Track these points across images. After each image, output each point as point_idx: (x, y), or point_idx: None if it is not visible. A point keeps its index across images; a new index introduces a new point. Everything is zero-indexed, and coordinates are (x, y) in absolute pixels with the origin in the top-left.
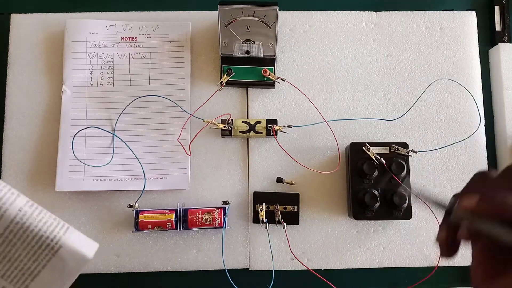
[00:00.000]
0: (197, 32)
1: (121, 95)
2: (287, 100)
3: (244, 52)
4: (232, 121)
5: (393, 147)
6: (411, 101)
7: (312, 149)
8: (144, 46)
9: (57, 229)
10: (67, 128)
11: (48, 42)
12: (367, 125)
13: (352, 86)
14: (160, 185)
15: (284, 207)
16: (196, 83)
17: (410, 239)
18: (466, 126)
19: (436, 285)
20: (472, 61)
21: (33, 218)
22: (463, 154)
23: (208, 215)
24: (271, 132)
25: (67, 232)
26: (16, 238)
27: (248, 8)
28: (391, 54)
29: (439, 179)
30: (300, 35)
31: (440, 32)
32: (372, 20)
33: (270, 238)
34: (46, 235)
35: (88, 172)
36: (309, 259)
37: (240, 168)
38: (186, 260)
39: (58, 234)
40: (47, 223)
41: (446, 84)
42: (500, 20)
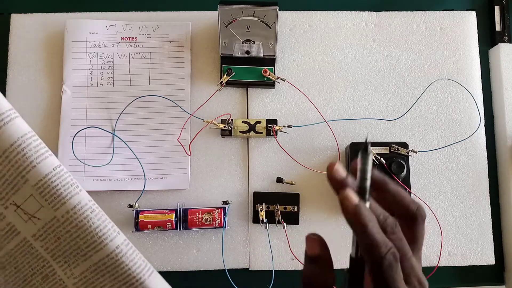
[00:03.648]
0: (197, 32)
1: (121, 95)
2: (287, 100)
3: (244, 52)
4: (232, 121)
5: (393, 147)
6: (411, 101)
7: (312, 149)
8: (144, 46)
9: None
10: (67, 128)
11: (48, 42)
12: (367, 125)
13: (352, 86)
14: (160, 185)
15: (284, 207)
16: (196, 83)
17: None
18: (466, 126)
19: (436, 285)
20: (472, 61)
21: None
22: (463, 154)
23: (208, 215)
24: (271, 132)
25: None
26: (106, 271)
27: (248, 8)
28: (391, 54)
29: (439, 179)
30: (300, 35)
31: (440, 32)
32: (372, 20)
33: (270, 238)
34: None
35: (88, 172)
36: None
37: (240, 168)
38: (186, 260)
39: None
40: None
41: (446, 84)
42: (500, 20)
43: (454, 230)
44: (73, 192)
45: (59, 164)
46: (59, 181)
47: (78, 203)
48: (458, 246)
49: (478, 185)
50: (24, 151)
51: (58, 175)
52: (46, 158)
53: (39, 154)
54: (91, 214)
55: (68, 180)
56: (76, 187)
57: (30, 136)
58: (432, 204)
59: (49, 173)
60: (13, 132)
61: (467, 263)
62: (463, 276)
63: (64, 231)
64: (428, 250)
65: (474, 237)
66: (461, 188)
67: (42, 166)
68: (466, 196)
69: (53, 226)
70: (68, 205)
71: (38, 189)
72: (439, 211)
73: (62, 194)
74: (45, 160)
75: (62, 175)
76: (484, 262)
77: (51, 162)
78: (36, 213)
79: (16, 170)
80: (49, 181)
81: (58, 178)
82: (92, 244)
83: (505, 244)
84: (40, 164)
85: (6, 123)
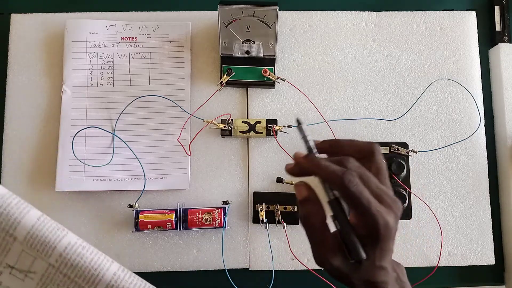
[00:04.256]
0: (197, 32)
1: (121, 95)
2: (287, 100)
3: (244, 52)
4: (232, 121)
5: (393, 147)
6: (411, 101)
7: None
8: (144, 46)
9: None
10: (67, 128)
11: (48, 42)
12: (367, 125)
13: (352, 86)
14: (160, 185)
15: (284, 207)
16: (196, 83)
17: (410, 239)
18: (466, 126)
19: (436, 285)
20: (472, 61)
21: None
22: (463, 154)
23: (208, 215)
24: (271, 132)
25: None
26: None
27: (248, 8)
28: (391, 54)
29: (439, 179)
30: (300, 35)
31: (440, 32)
32: (372, 20)
33: (270, 238)
34: None
35: (88, 172)
36: (309, 259)
37: (240, 168)
38: (186, 260)
39: None
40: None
41: (446, 84)
42: (500, 20)
43: (454, 230)
44: (61, 235)
45: (41, 214)
46: (46, 228)
47: (68, 244)
48: (458, 246)
49: (478, 185)
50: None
51: (43, 223)
52: (28, 212)
53: (21, 209)
54: (82, 250)
55: (53, 225)
56: (63, 230)
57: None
58: (432, 204)
59: (34, 223)
60: None
61: (467, 263)
62: (463, 276)
63: (62, 275)
64: (428, 250)
65: (474, 237)
66: (461, 188)
67: (26, 219)
68: (466, 196)
69: (50, 274)
70: (59, 248)
71: (28, 242)
72: (439, 211)
73: (52, 239)
74: (28, 214)
75: (46, 222)
76: (484, 262)
77: (34, 214)
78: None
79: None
80: (36, 231)
81: (44, 226)
82: (90, 278)
83: (505, 244)
84: (24, 218)
85: None
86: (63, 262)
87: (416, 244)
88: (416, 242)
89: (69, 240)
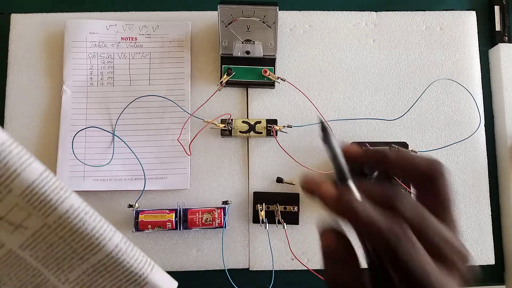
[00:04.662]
0: (197, 32)
1: (121, 95)
2: (287, 100)
3: (244, 52)
4: (232, 121)
5: (393, 147)
6: (411, 101)
7: (312, 149)
8: (144, 46)
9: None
10: (67, 128)
11: (48, 42)
12: (367, 125)
13: (352, 86)
14: (160, 185)
15: (284, 207)
16: (196, 83)
17: None
18: (466, 126)
19: None
20: (472, 61)
21: (127, 254)
22: (463, 154)
23: (208, 215)
24: (271, 132)
25: (153, 270)
26: (106, 271)
27: (248, 8)
28: (391, 54)
29: None
30: (300, 35)
31: (440, 32)
32: (372, 20)
33: (270, 238)
34: (135, 271)
35: (88, 172)
36: (309, 259)
37: (240, 168)
38: (186, 260)
39: (146, 271)
40: (138, 260)
41: (446, 84)
42: (500, 20)
43: None
44: (63, 196)
45: (45, 169)
46: (48, 186)
47: (71, 207)
48: None
49: (478, 185)
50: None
51: (46, 180)
52: (30, 165)
53: (23, 161)
54: (85, 216)
55: (56, 184)
56: (66, 190)
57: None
58: None
59: (35, 179)
60: None
61: None
62: None
63: (57, 237)
64: None
65: (474, 237)
66: (461, 188)
67: (27, 173)
68: (466, 196)
69: (43, 233)
70: (60, 210)
71: (25, 198)
72: None
73: (53, 200)
74: (29, 167)
75: (49, 180)
76: (484, 262)
77: (36, 168)
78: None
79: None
80: (36, 188)
81: (47, 183)
82: (89, 246)
83: (505, 244)
84: (25, 171)
85: None
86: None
87: None
88: None
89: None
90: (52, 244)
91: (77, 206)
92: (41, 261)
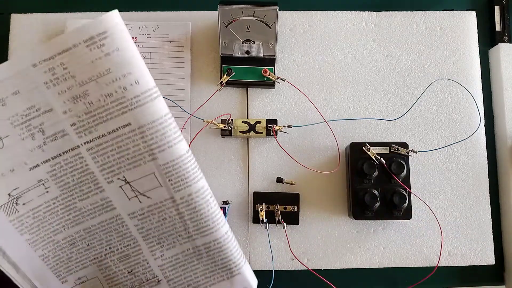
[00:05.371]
0: (197, 32)
1: None
2: (287, 100)
3: (244, 52)
4: (232, 121)
5: (393, 147)
6: (411, 101)
7: (312, 149)
8: (144, 46)
9: (242, 258)
10: None
11: None
12: (367, 125)
13: (352, 86)
14: None
15: (284, 207)
16: (196, 83)
17: (410, 239)
18: (466, 126)
19: (436, 285)
20: (472, 61)
21: (231, 243)
22: (463, 154)
23: None
24: (271, 132)
25: (246, 263)
26: (206, 254)
27: (248, 8)
28: (391, 54)
29: (439, 179)
30: (300, 35)
31: (440, 32)
32: (372, 20)
33: (270, 238)
34: (233, 260)
35: None
36: (309, 259)
37: (240, 168)
38: None
39: (241, 262)
40: (237, 251)
41: (446, 84)
42: (500, 20)
43: (454, 230)
44: (198, 176)
45: (188, 149)
46: (189, 164)
47: (202, 187)
48: (458, 246)
49: (478, 185)
50: (164, 130)
51: (189, 158)
52: (181, 141)
53: (177, 135)
54: (210, 199)
55: (195, 165)
56: (200, 172)
57: (170, 116)
58: (432, 204)
59: (182, 155)
60: (157, 109)
61: (467, 263)
62: (463, 276)
63: (175, 213)
64: (428, 250)
65: (474, 237)
66: (461, 188)
67: (177, 147)
68: (466, 196)
69: (163, 206)
70: (192, 188)
71: (165, 169)
72: (439, 211)
73: (190, 177)
74: (180, 142)
75: (191, 159)
76: (484, 262)
77: (184, 146)
78: (148, 192)
79: (147, 147)
80: (180, 163)
81: (189, 161)
82: (203, 227)
83: (505, 244)
84: (176, 145)
85: (153, 99)
86: (188, 202)
87: (416, 244)
88: (416, 242)
89: (203, 184)
90: (165, 218)
91: (206, 188)
92: (143, 233)
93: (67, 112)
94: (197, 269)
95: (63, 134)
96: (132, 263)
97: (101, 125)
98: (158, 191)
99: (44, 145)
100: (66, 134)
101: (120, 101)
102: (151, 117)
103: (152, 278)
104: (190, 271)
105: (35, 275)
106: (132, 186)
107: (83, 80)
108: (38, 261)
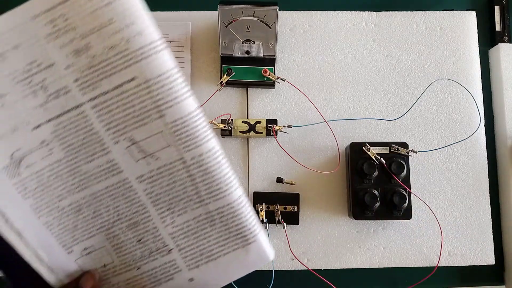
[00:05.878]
0: (197, 32)
1: None
2: (287, 100)
3: (244, 52)
4: (232, 121)
5: (393, 147)
6: (411, 101)
7: (312, 149)
8: None
9: (257, 225)
10: None
11: None
12: (367, 125)
13: (352, 86)
14: None
15: (284, 207)
16: (196, 83)
17: (410, 239)
18: (466, 126)
19: (436, 285)
20: (472, 61)
21: (245, 208)
22: (463, 154)
23: None
24: (271, 132)
25: (262, 231)
26: (219, 220)
27: (248, 8)
28: (391, 54)
29: (439, 179)
30: (300, 35)
31: (440, 32)
32: (372, 20)
33: (270, 238)
34: (249, 226)
35: None
36: (309, 259)
37: (240, 168)
38: None
39: (257, 229)
40: (252, 217)
41: (446, 84)
42: (500, 20)
43: (454, 230)
44: (209, 136)
45: (198, 106)
46: (199, 122)
47: (213, 148)
48: (458, 246)
49: (478, 185)
50: (171, 85)
51: (198, 116)
52: (189, 97)
53: (185, 91)
54: (222, 160)
55: (205, 123)
56: (211, 131)
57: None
58: (432, 204)
59: (191, 112)
60: (163, 62)
61: (467, 263)
62: (463, 276)
63: (186, 175)
64: (428, 250)
65: (474, 237)
66: (461, 188)
67: (186, 103)
68: (466, 196)
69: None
70: (203, 148)
71: (173, 127)
72: (439, 211)
73: (200, 136)
74: (189, 98)
75: (201, 117)
76: (484, 262)
77: (193, 102)
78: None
79: (154, 103)
80: (189, 120)
81: (198, 119)
82: (216, 191)
83: (505, 244)
84: (184, 101)
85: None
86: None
87: (416, 244)
88: (416, 242)
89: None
90: (176, 181)
91: (218, 149)
92: (152, 198)
93: (70, 66)
94: (210, 237)
95: (66, 91)
96: (142, 231)
97: (105, 80)
98: (167, 152)
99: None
100: (69, 90)
101: (124, 53)
102: (157, 70)
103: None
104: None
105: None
106: (140, 146)
107: (85, 32)
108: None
